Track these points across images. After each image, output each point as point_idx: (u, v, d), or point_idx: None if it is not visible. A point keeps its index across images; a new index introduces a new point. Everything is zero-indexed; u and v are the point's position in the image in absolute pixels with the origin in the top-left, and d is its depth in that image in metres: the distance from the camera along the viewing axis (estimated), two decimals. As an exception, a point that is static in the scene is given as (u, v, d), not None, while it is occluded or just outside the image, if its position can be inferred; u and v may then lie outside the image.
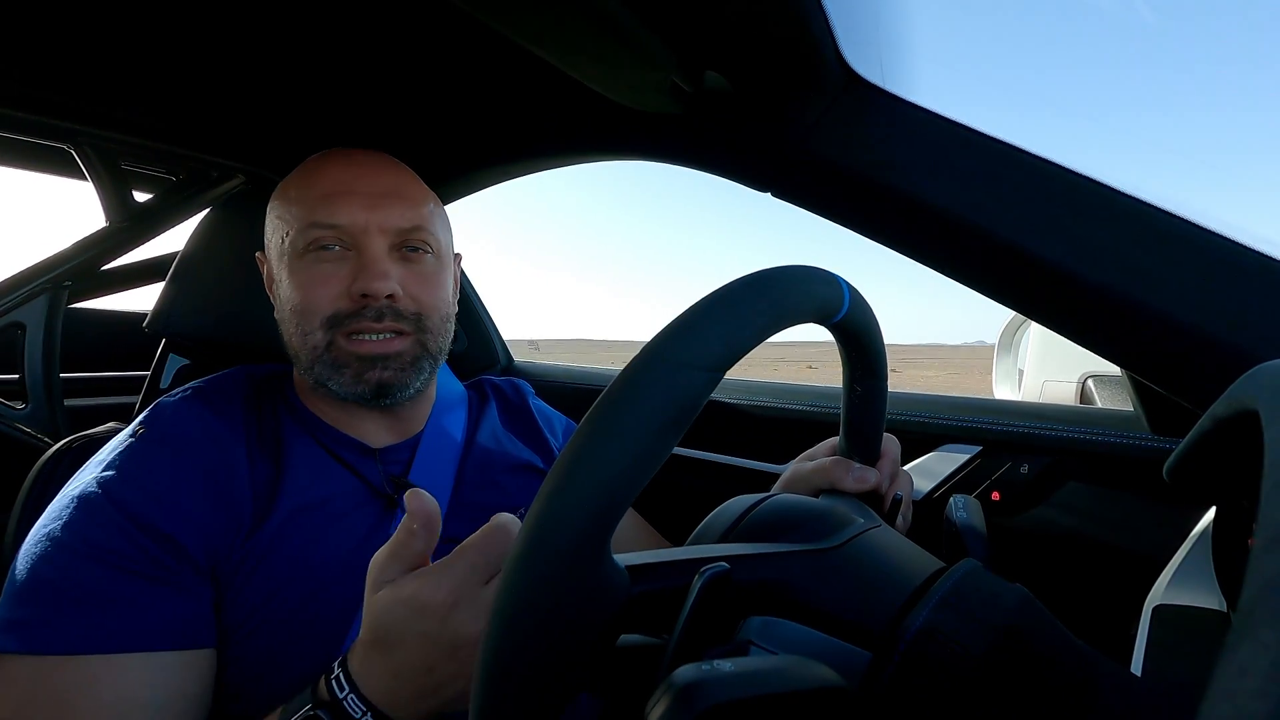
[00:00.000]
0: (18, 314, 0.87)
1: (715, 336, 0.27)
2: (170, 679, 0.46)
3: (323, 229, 0.56)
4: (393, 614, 0.36)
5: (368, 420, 0.62)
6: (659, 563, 0.27)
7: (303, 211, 0.57)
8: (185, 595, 0.48)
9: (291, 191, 0.59)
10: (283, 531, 0.52)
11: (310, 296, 0.56)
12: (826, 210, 0.60)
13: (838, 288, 0.35)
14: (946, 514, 0.39)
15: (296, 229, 0.57)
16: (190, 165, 0.90)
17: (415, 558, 0.38)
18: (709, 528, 0.37)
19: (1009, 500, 0.79)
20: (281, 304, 0.59)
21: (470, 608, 0.35)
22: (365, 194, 0.57)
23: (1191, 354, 0.45)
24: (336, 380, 0.57)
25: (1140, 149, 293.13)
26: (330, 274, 0.56)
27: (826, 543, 0.33)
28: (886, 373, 0.44)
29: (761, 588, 0.30)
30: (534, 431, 0.74)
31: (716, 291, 0.29)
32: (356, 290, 0.56)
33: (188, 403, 0.56)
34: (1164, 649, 0.39)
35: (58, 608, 0.44)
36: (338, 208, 0.56)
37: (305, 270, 0.57)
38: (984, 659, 0.27)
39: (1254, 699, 0.13)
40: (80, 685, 0.43)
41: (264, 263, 0.64)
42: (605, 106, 0.62)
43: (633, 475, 0.24)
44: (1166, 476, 0.37)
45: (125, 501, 0.48)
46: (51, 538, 0.47)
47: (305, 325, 0.57)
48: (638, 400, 0.25)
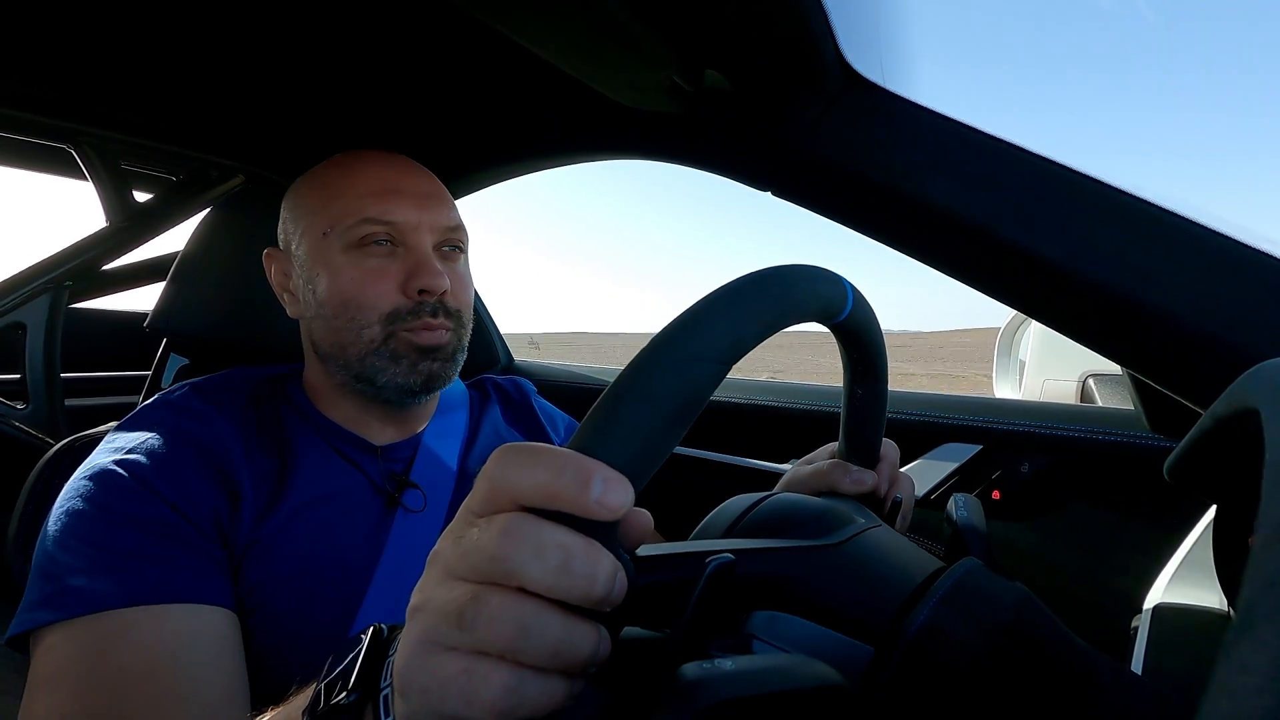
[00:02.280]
0: (18, 314, 0.87)
1: (723, 331, 0.27)
2: (208, 628, 0.46)
3: (376, 224, 0.56)
4: None
5: (374, 419, 0.62)
6: (664, 554, 0.27)
7: (350, 206, 0.57)
8: (208, 559, 0.49)
9: (331, 186, 0.59)
10: (289, 524, 0.53)
11: (364, 290, 0.56)
12: (826, 210, 0.60)
13: (841, 288, 0.35)
14: (946, 513, 0.39)
15: (344, 223, 0.57)
16: (190, 165, 0.90)
17: None
18: (711, 525, 0.37)
19: (1009, 499, 0.79)
20: (317, 299, 0.58)
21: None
22: (413, 194, 0.58)
23: (1192, 353, 0.45)
24: (390, 372, 0.57)
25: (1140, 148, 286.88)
26: (383, 269, 0.57)
27: (828, 539, 0.33)
28: (887, 375, 0.43)
29: (765, 582, 0.30)
30: (537, 430, 0.74)
31: (723, 287, 0.29)
32: (414, 287, 0.56)
33: (185, 397, 0.57)
34: (1164, 648, 0.39)
35: (87, 573, 0.45)
36: (391, 205, 0.57)
37: (355, 265, 0.56)
38: (984, 657, 0.27)
39: (1254, 697, 0.13)
40: (119, 634, 0.43)
41: (275, 259, 0.63)
42: (605, 106, 0.62)
43: (640, 467, 0.24)
44: (1167, 475, 0.37)
45: (140, 473, 0.49)
46: (71, 514, 0.47)
47: (360, 319, 0.56)
48: (648, 391, 0.25)
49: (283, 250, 0.63)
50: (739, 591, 0.29)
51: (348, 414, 0.61)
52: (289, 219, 0.62)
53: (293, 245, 0.61)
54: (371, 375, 0.57)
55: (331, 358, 0.59)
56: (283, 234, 0.63)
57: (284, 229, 0.62)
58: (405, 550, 0.57)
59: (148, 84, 0.73)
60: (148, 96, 0.76)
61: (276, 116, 0.82)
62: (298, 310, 0.61)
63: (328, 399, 0.62)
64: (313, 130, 0.85)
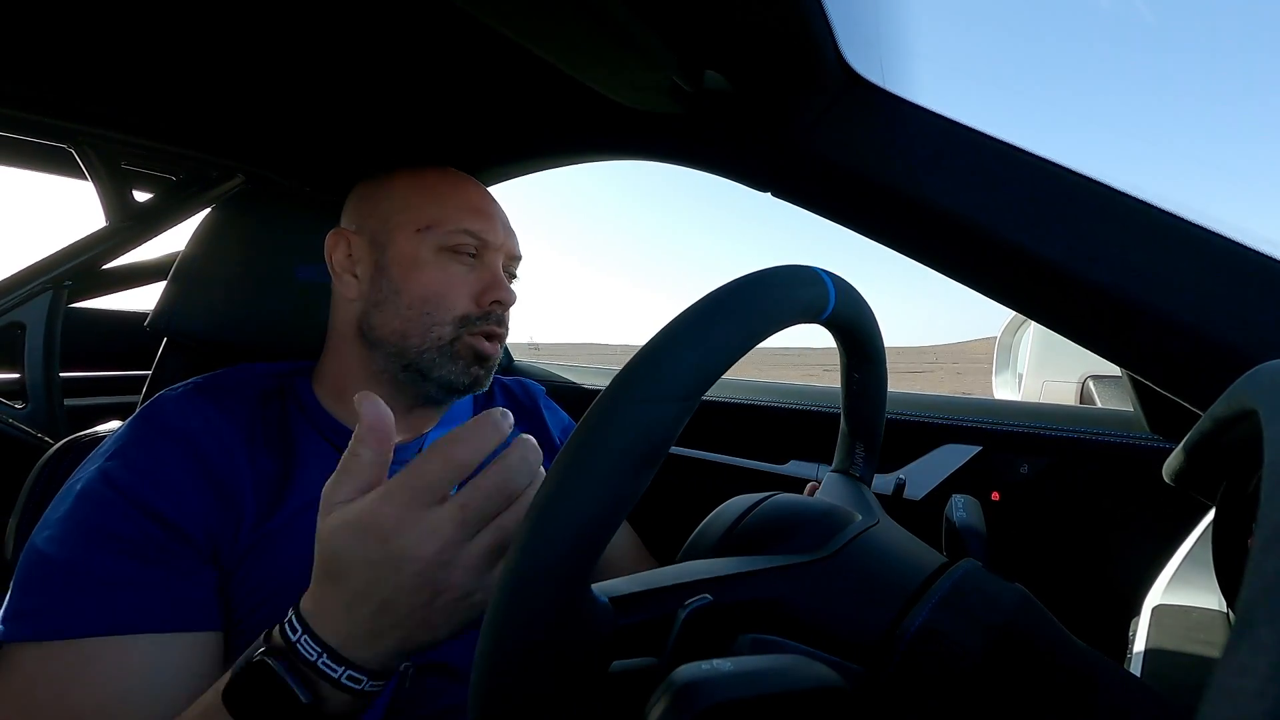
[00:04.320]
0: (18, 314, 0.87)
1: (685, 364, 0.25)
2: (174, 659, 0.46)
3: (472, 237, 0.62)
4: (338, 538, 0.34)
5: (396, 419, 0.62)
6: (643, 592, 0.27)
7: (453, 214, 0.62)
8: (189, 580, 0.48)
9: (435, 191, 0.63)
10: (291, 525, 0.53)
11: (448, 291, 0.61)
12: (826, 211, 0.60)
13: (821, 285, 0.33)
14: (946, 514, 0.39)
15: (445, 227, 0.61)
16: (190, 165, 0.90)
17: (366, 474, 0.36)
18: (706, 531, 0.36)
19: (1009, 500, 0.79)
20: (394, 286, 0.61)
21: (416, 530, 0.33)
22: (500, 221, 0.65)
23: (1191, 354, 0.45)
24: (445, 369, 0.61)
25: (1140, 148, 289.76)
26: (464, 276, 0.62)
27: (821, 552, 0.32)
28: (885, 358, 0.43)
29: (753, 606, 0.29)
30: (544, 432, 0.75)
31: (686, 311, 0.27)
32: (488, 299, 0.62)
33: (188, 396, 0.57)
34: (1164, 649, 0.39)
35: (63, 594, 0.45)
36: (486, 225, 0.63)
37: (443, 267, 0.61)
38: (983, 659, 0.27)
39: (1254, 699, 0.13)
40: (79, 666, 0.43)
41: (345, 239, 0.64)
42: (605, 106, 0.62)
43: (607, 518, 0.24)
44: (1166, 477, 0.37)
45: (128, 487, 0.49)
46: (57, 527, 0.47)
47: (436, 315, 0.60)
48: (606, 444, 0.24)
49: (357, 233, 0.64)
50: (725, 620, 0.29)
51: (354, 414, 0.61)
52: (382, 204, 0.64)
53: (375, 232, 0.63)
54: (426, 368, 0.60)
55: (385, 344, 0.61)
56: (358, 219, 0.64)
57: (361, 215, 0.64)
58: None
59: (148, 84, 0.73)
60: (148, 96, 0.76)
61: (276, 116, 0.82)
62: (358, 293, 0.63)
63: (343, 394, 0.62)
64: (313, 130, 0.85)
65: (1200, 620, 0.41)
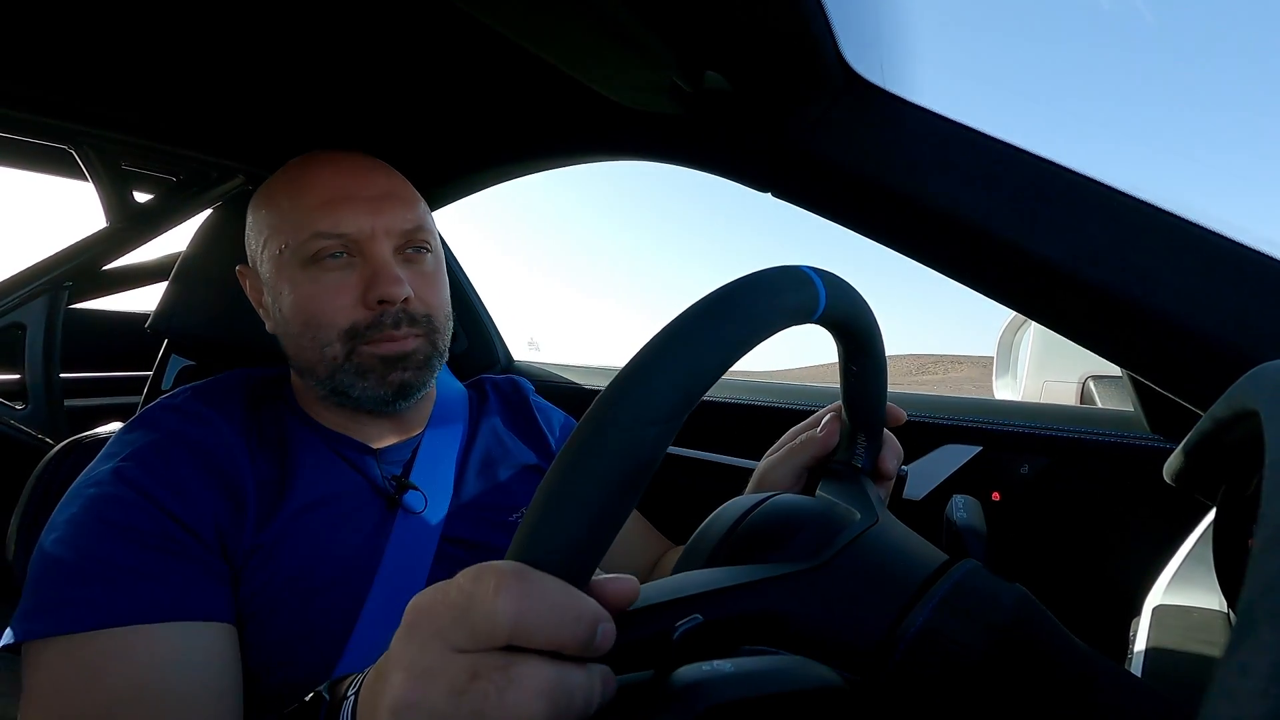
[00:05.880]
0: (18, 314, 0.87)
1: (667, 385, 0.25)
2: (202, 645, 0.46)
3: (327, 238, 0.55)
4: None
5: (367, 424, 0.62)
6: (636, 611, 0.26)
7: (301, 220, 0.55)
8: (206, 572, 0.49)
9: (282, 200, 0.57)
10: (290, 527, 0.53)
11: (322, 308, 0.55)
12: (826, 210, 0.60)
13: (810, 285, 0.31)
14: (946, 514, 0.39)
15: (297, 239, 0.55)
16: (190, 165, 0.90)
17: None
18: (701, 540, 0.36)
19: (1009, 500, 0.79)
20: (283, 316, 0.57)
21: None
22: (365, 198, 0.56)
23: (1191, 354, 0.45)
24: (360, 387, 0.57)
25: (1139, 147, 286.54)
26: (340, 283, 0.55)
27: (819, 558, 0.32)
28: (883, 349, 0.42)
29: (749, 619, 0.29)
30: (534, 430, 0.74)
31: (670, 325, 0.26)
32: (373, 298, 0.55)
33: (188, 402, 0.57)
34: (1164, 649, 0.39)
35: (83, 587, 0.45)
36: (341, 215, 0.55)
37: (311, 282, 0.55)
38: (983, 659, 0.27)
39: (1255, 699, 0.13)
40: (111, 655, 0.43)
41: (247, 275, 0.62)
42: (604, 106, 0.62)
43: (592, 543, 0.24)
44: (1166, 477, 0.37)
45: (145, 486, 0.49)
46: (70, 523, 0.47)
47: (320, 337, 0.55)
48: (590, 470, 0.24)
49: (250, 267, 0.62)
50: (721, 635, 0.28)
51: (338, 420, 0.61)
52: (251, 235, 0.60)
53: (257, 262, 0.60)
54: (344, 388, 0.57)
55: (306, 371, 0.58)
56: (249, 250, 0.61)
57: (249, 245, 0.61)
58: (406, 551, 0.56)
59: (148, 84, 0.73)
60: (148, 97, 0.76)
61: (277, 117, 0.82)
62: (271, 324, 0.60)
63: (316, 407, 0.62)
64: (312, 131, 0.85)
65: (1201, 620, 0.41)
